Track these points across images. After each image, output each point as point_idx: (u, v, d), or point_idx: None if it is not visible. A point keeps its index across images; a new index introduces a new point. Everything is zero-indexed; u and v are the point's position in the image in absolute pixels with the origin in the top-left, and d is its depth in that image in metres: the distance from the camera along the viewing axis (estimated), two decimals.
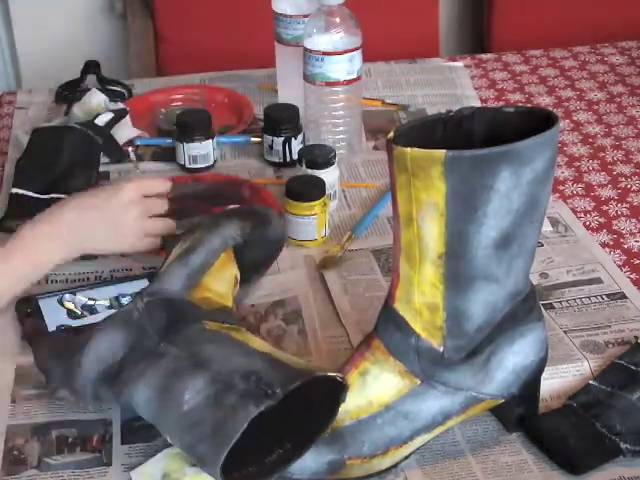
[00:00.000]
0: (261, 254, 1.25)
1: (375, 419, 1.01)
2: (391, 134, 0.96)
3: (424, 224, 0.95)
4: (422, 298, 0.99)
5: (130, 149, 1.59)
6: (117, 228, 1.29)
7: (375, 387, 1.02)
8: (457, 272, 0.97)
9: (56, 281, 1.31)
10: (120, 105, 1.65)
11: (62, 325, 1.22)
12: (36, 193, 1.44)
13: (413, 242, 0.97)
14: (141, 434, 1.08)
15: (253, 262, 1.24)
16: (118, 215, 1.29)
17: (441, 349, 1.00)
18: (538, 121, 0.95)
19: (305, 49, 1.52)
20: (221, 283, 1.16)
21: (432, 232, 0.95)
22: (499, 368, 1.02)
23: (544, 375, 1.07)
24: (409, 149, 0.93)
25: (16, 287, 1.23)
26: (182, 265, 1.14)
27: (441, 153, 0.91)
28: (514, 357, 1.02)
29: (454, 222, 0.94)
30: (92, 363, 1.06)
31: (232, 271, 1.18)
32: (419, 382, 1.01)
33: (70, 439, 1.08)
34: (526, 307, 1.02)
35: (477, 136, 0.99)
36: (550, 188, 0.98)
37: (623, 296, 1.27)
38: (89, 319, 1.23)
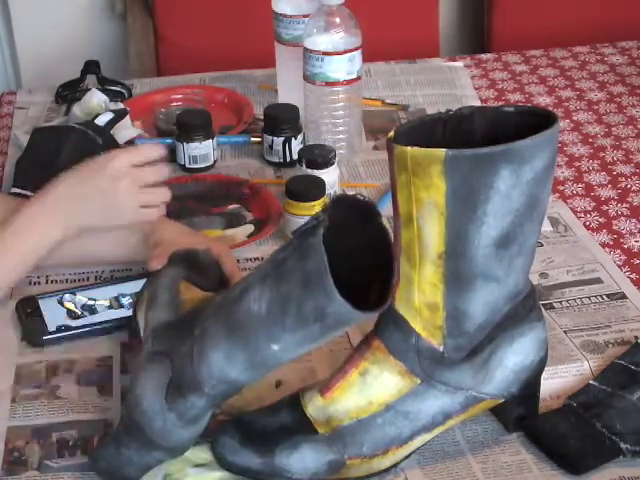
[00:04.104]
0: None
1: (375, 419, 1.01)
2: (391, 134, 0.96)
3: (424, 223, 0.95)
4: (422, 297, 0.99)
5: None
6: (110, 200, 1.22)
7: (375, 387, 1.02)
8: (457, 271, 0.97)
9: (56, 281, 1.31)
10: (120, 105, 1.65)
11: (62, 325, 1.22)
12: (36, 193, 1.44)
13: (413, 241, 0.97)
14: None
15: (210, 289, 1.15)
16: (109, 186, 1.22)
17: (441, 348, 1.00)
18: (538, 121, 0.95)
19: (305, 49, 1.52)
20: (198, 290, 1.11)
21: (432, 231, 0.95)
22: (499, 368, 1.02)
23: (544, 375, 1.07)
24: (409, 148, 0.93)
25: (14, 275, 1.22)
26: (156, 306, 1.07)
27: (441, 152, 0.91)
28: (514, 357, 1.02)
29: (454, 221, 0.94)
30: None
31: (199, 292, 1.12)
32: (419, 382, 1.01)
33: (70, 442, 1.07)
34: (526, 307, 1.02)
35: (477, 135, 0.98)
36: (550, 188, 0.98)
37: (623, 296, 1.27)
38: (89, 319, 1.23)
